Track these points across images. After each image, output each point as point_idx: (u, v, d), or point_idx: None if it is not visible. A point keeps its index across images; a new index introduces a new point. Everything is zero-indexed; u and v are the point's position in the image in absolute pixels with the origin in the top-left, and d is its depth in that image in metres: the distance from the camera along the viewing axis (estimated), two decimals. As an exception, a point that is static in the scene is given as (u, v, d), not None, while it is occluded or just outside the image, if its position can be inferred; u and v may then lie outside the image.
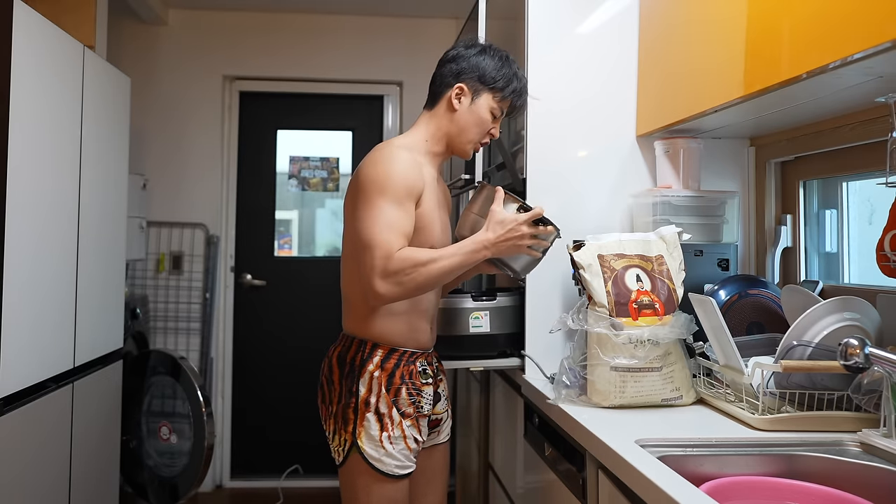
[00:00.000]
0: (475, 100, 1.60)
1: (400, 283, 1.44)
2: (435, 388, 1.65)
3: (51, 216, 2.17)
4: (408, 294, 1.48)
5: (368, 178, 1.50)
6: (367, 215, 1.47)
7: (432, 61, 1.73)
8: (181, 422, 3.10)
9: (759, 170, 2.02)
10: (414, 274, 1.44)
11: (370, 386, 1.55)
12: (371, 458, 1.53)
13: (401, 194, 1.49)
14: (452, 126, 1.62)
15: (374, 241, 1.44)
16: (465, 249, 1.49)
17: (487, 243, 1.50)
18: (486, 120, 1.62)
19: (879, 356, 1.16)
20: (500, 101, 1.62)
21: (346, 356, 1.61)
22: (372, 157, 1.55)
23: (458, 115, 1.61)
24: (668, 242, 1.68)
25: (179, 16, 3.70)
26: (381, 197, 1.47)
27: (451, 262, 1.48)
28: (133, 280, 3.58)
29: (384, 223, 1.45)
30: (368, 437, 1.54)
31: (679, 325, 1.55)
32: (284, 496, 3.56)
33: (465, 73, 1.60)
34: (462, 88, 1.60)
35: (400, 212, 1.48)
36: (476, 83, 1.60)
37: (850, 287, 1.71)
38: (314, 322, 3.81)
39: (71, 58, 2.30)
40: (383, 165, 1.51)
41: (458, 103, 1.61)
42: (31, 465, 2.06)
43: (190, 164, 3.68)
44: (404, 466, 1.56)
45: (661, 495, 1.01)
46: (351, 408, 1.56)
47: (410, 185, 1.51)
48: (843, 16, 1.14)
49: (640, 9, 1.96)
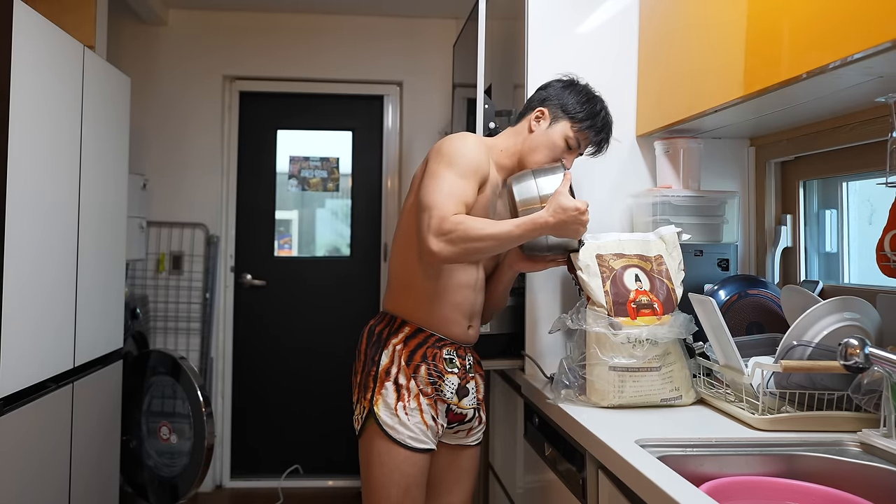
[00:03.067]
0: (552, 125, 1.66)
1: (452, 242, 1.46)
2: (463, 381, 1.66)
3: (51, 216, 2.17)
4: (460, 255, 1.49)
5: (440, 152, 1.58)
6: (431, 182, 1.53)
7: (432, 61, 1.74)
8: (181, 422, 3.10)
9: (759, 170, 2.02)
10: (466, 235, 1.46)
11: (392, 357, 1.61)
12: (385, 425, 1.57)
13: (467, 169, 1.55)
14: (525, 145, 1.68)
15: (432, 203, 1.49)
16: (521, 222, 1.51)
17: (546, 221, 1.51)
18: (558, 146, 1.65)
19: (879, 356, 1.16)
20: (576, 132, 1.65)
21: (375, 329, 1.68)
22: (449, 136, 1.64)
23: (533, 136, 1.67)
24: (668, 242, 1.68)
25: (179, 16, 3.69)
26: (447, 168, 1.54)
27: (506, 231, 1.50)
28: (133, 280, 3.58)
29: (446, 190, 1.51)
30: (385, 404, 1.58)
31: (678, 324, 1.55)
32: (284, 496, 3.56)
33: (549, 100, 1.68)
34: (543, 112, 1.67)
35: (463, 182, 1.54)
36: (557, 110, 1.66)
37: (850, 287, 1.71)
38: (314, 322, 3.81)
39: (71, 58, 2.30)
40: (455, 142, 1.59)
41: (537, 125, 1.67)
42: (31, 465, 2.06)
43: (190, 164, 3.68)
44: (418, 440, 1.58)
45: (661, 495, 1.01)
46: (371, 376, 1.61)
47: (477, 164, 1.57)
48: (843, 16, 1.14)
49: (640, 9, 1.96)
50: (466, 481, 1.77)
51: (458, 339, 1.67)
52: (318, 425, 3.78)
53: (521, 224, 1.51)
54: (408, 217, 1.65)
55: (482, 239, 1.48)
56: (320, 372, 3.78)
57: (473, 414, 1.71)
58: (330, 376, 3.76)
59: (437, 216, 1.47)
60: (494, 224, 1.50)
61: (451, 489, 1.74)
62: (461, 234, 1.46)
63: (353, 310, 3.79)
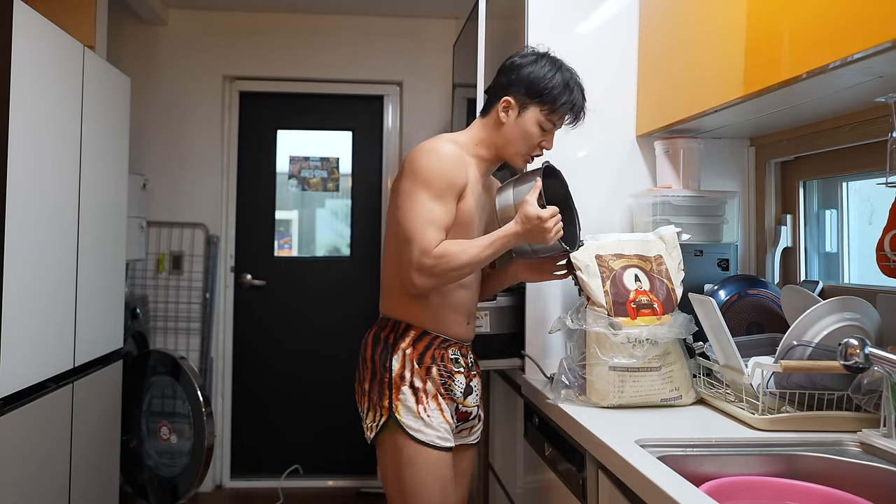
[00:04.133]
0: (522, 113, 1.61)
1: (434, 276, 1.51)
2: (468, 379, 1.66)
3: (51, 216, 2.17)
4: (442, 284, 1.57)
5: (414, 168, 1.56)
6: (410, 207, 1.53)
7: (432, 61, 1.73)
8: (181, 422, 3.09)
9: (759, 170, 2.01)
10: (447, 268, 1.51)
11: (403, 362, 1.59)
12: (410, 429, 1.55)
13: (442, 188, 1.54)
14: (499, 138, 1.64)
15: (412, 234, 1.51)
16: (493, 239, 1.54)
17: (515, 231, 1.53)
18: (532, 133, 1.62)
19: (879, 356, 1.16)
20: (548, 115, 1.61)
21: (380, 335, 1.65)
22: (420, 147, 1.59)
23: (504, 128, 1.63)
24: (667, 242, 1.68)
25: (179, 16, 3.69)
26: (422, 189, 1.53)
27: (480, 253, 1.53)
28: (133, 280, 3.58)
29: (425, 218, 1.51)
30: (406, 408, 1.56)
31: (678, 324, 1.55)
32: (284, 496, 3.56)
33: (513, 85, 1.61)
34: (509, 102, 1.61)
35: (439, 205, 1.53)
36: (523, 97, 1.60)
37: (850, 287, 1.71)
38: (314, 322, 3.81)
39: (71, 58, 2.30)
40: (428, 157, 1.56)
41: (506, 116, 1.62)
42: (31, 465, 2.06)
43: (190, 163, 3.68)
44: (444, 439, 1.57)
45: (661, 495, 1.01)
46: (385, 383, 1.58)
47: (451, 180, 1.55)
48: (843, 16, 1.14)
49: (640, 9, 1.96)
50: (464, 483, 1.77)
51: (460, 337, 1.67)
52: (318, 425, 3.78)
53: (493, 242, 1.53)
54: (396, 224, 1.60)
55: (462, 267, 1.52)
56: (321, 372, 3.78)
57: (476, 412, 1.72)
58: (330, 376, 3.76)
59: (418, 250, 1.49)
60: (470, 246, 1.52)
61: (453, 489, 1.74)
62: (442, 268, 1.50)
63: (353, 311, 3.79)
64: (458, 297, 1.66)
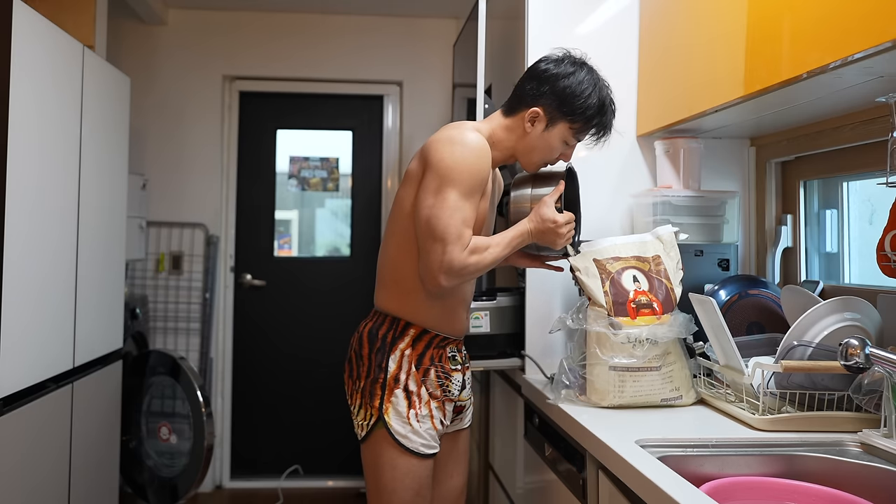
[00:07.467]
0: (549, 128, 1.56)
1: (462, 276, 1.50)
2: (463, 374, 1.66)
3: (50, 216, 2.17)
4: (465, 282, 1.58)
5: (443, 160, 1.49)
6: (439, 204, 1.47)
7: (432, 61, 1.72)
8: (181, 422, 3.09)
9: (760, 170, 2.01)
10: (475, 271, 1.51)
11: (400, 363, 1.56)
12: (397, 434, 1.54)
13: (472, 186, 1.49)
14: (520, 145, 1.59)
15: (444, 234, 1.46)
16: (510, 238, 1.56)
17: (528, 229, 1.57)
18: (555, 148, 1.58)
19: (880, 356, 1.16)
20: (577, 133, 1.57)
21: (377, 332, 1.61)
22: (449, 137, 1.52)
23: (528, 138, 1.57)
24: (665, 242, 1.68)
25: (179, 16, 3.69)
26: (452, 187, 1.47)
27: (500, 253, 1.54)
28: (133, 280, 3.58)
29: (459, 219, 1.47)
30: (396, 412, 1.54)
31: (678, 324, 1.55)
32: (284, 496, 3.56)
33: (545, 97, 1.54)
34: (537, 113, 1.55)
35: (468, 204, 1.49)
36: (554, 111, 1.54)
37: (850, 287, 1.71)
38: (314, 322, 3.80)
39: (70, 58, 2.30)
40: (455, 149, 1.49)
41: (531, 127, 1.56)
42: (30, 465, 2.06)
43: (189, 164, 3.67)
44: (430, 447, 1.57)
45: (661, 496, 1.01)
46: (379, 383, 1.56)
47: (482, 179, 1.51)
48: (843, 16, 1.14)
49: (640, 9, 1.96)
50: (463, 463, 1.78)
51: (460, 333, 1.67)
52: (318, 425, 3.78)
53: (511, 240, 1.55)
54: (404, 216, 1.57)
55: (486, 268, 1.53)
56: (320, 372, 3.77)
57: (469, 402, 1.74)
58: (330, 376, 3.76)
59: (451, 253, 1.46)
60: (494, 246, 1.53)
61: (451, 473, 1.75)
62: (471, 270, 1.49)
63: (353, 310, 3.78)
64: (467, 289, 1.66)
